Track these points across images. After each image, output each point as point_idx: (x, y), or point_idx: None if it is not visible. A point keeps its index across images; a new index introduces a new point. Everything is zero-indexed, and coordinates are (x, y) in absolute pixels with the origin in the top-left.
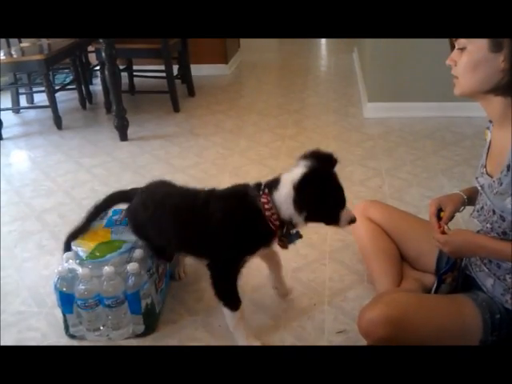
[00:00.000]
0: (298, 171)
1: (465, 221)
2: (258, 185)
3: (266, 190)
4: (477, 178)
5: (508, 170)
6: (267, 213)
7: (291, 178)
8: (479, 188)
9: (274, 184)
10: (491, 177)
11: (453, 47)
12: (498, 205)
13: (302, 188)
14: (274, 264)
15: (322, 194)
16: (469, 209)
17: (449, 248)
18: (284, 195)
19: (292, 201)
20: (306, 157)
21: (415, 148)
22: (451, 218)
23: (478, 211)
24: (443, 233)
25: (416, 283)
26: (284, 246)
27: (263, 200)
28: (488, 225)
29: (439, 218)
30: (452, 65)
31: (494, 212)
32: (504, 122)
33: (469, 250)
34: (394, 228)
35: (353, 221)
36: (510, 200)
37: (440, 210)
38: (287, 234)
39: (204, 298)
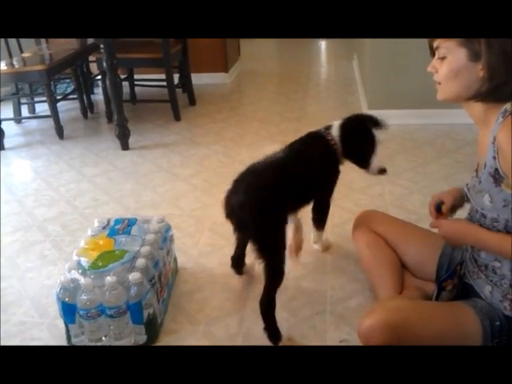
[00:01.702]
0: (342, 121)
1: None
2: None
3: (328, 131)
4: (467, 184)
5: (485, 167)
6: (335, 147)
7: (339, 123)
8: (466, 190)
9: (329, 128)
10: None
11: (432, 52)
12: (478, 202)
13: (346, 128)
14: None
15: (359, 136)
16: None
17: (443, 231)
18: (336, 134)
19: (339, 139)
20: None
21: (415, 155)
22: (453, 210)
23: (469, 213)
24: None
25: (417, 291)
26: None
27: (329, 138)
28: (478, 224)
29: (439, 212)
30: (433, 72)
31: (477, 211)
32: (484, 124)
33: (462, 238)
34: (394, 237)
35: (383, 171)
36: (487, 197)
37: (441, 203)
38: None
39: (205, 307)
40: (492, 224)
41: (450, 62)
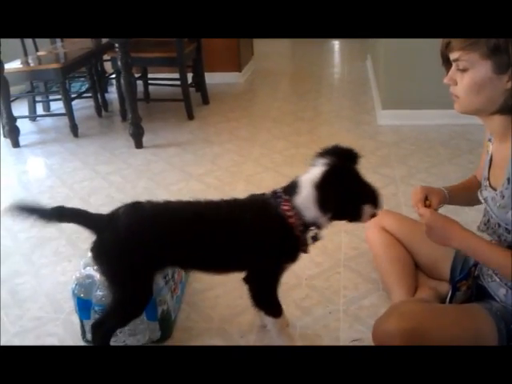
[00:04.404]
0: (316, 171)
1: None
2: (274, 192)
3: (286, 197)
4: (480, 191)
5: (508, 183)
6: (291, 220)
7: (311, 179)
8: (483, 201)
9: (292, 189)
10: (494, 190)
11: (447, 63)
12: (502, 217)
13: (323, 187)
14: None
15: (344, 192)
16: (476, 222)
17: (427, 222)
18: (306, 198)
19: (315, 202)
20: (323, 154)
21: (430, 156)
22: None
23: (485, 224)
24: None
25: (431, 292)
26: (306, 250)
27: (285, 207)
28: (496, 237)
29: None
30: (451, 84)
31: (499, 225)
32: (505, 136)
33: (446, 237)
34: (407, 237)
35: (374, 215)
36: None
37: (425, 200)
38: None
39: (219, 304)
40: None
41: (472, 74)
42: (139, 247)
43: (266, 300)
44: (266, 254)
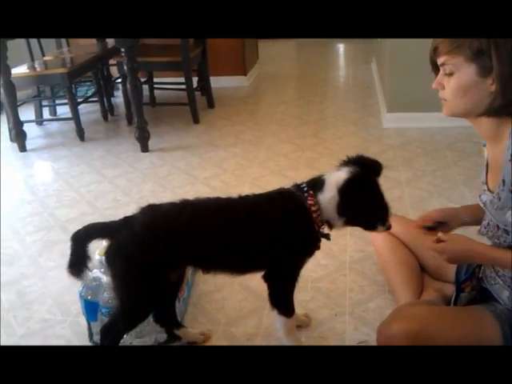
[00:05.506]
0: (342, 175)
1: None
2: (298, 186)
3: (311, 192)
4: (480, 196)
5: (504, 184)
6: (314, 215)
7: (336, 181)
8: (482, 205)
9: (317, 185)
10: (492, 193)
11: (435, 69)
12: (500, 219)
13: (347, 193)
14: None
15: (365, 202)
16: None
17: (447, 256)
18: (329, 198)
19: (336, 204)
20: (349, 162)
21: (435, 158)
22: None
23: (485, 227)
24: (439, 241)
25: (436, 294)
26: (319, 246)
27: (310, 202)
28: (496, 240)
29: (432, 229)
30: (439, 88)
31: (498, 227)
32: (496, 138)
33: (468, 258)
34: (412, 240)
35: (388, 228)
36: (510, 213)
37: (440, 223)
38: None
39: (225, 307)
40: None
41: (458, 78)
42: (156, 245)
43: (284, 298)
44: (290, 246)
